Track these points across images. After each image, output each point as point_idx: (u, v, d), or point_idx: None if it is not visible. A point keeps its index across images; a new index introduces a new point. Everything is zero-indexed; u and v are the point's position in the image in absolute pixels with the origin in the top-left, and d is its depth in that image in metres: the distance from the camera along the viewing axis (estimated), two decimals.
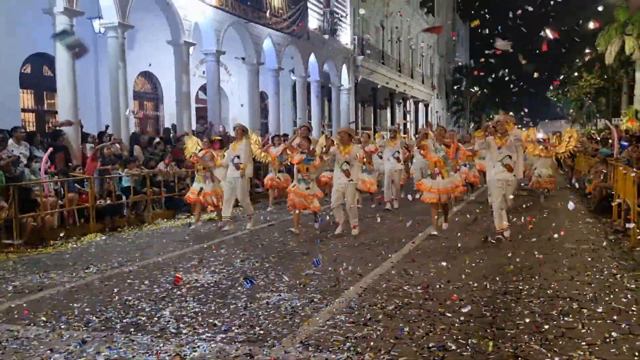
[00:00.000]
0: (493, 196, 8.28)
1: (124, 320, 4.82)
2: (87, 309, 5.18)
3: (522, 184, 13.68)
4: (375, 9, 31.27)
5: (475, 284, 5.75)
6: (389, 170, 11.89)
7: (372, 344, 4.13)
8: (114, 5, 12.55)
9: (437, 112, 48.47)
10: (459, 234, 8.74)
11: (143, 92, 17.39)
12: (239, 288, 5.80)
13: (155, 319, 4.84)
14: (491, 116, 54.47)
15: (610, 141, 14.95)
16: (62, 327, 4.69)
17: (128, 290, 5.83)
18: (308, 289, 5.72)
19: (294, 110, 23.68)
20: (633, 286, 5.60)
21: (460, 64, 53.52)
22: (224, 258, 7.39)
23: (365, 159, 11.03)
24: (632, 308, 4.87)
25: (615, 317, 4.62)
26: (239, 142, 9.73)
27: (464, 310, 4.82)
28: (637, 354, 3.89)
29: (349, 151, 8.82)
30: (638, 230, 7.73)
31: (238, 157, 9.62)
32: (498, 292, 5.47)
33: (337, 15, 25.64)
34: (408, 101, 38.66)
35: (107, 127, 12.91)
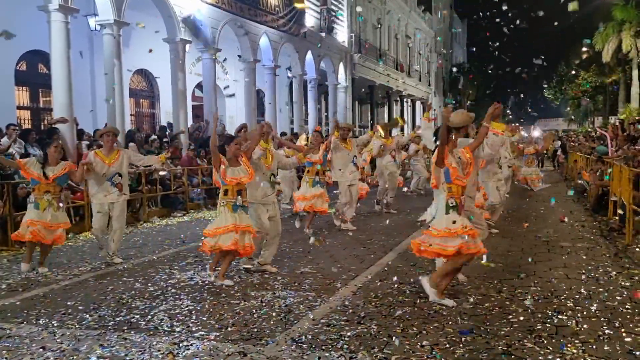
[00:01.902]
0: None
1: (117, 319, 4.80)
2: (80, 307, 5.16)
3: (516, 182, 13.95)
4: (372, 7, 31.23)
5: (469, 282, 5.75)
6: (345, 182, 9.25)
7: (365, 342, 4.12)
8: (110, 3, 12.50)
9: (434, 110, 48.46)
10: None
11: (139, 89, 17.35)
12: (234, 286, 5.79)
13: (149, 317, 4.83)
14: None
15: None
16: (55, 325, 4.67)
17: (122, 288, 5.81)
18: (303, 287, 5.72)
19: (290, 108, 23.65)
20: (627, 284, 5.60)
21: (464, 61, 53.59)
22: None
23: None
24: (626, 306, 4.87)
25: (609, 315, 4.62)
26: (115, 154, 7.09)
27: (458, 307, 4.83)
28: (629, 352, 3.89)
29: (272, 159, 6.54)
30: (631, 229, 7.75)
31: (120, 175, 7.10)
32: (492, 289, 5.47)
33: (333, 13, 25.60)
34: (405, 99, 38.66)
35: (106, 125, 12.85)
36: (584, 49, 34.38)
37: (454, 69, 48.83)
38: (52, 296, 5.59)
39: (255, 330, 4.44)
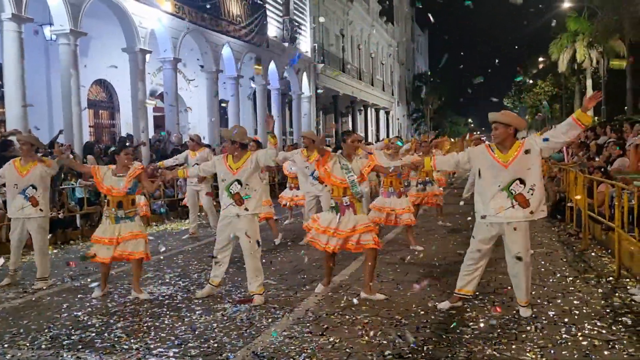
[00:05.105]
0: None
1: (72, 337, 4.63)
2: (33, 327, 4.97)
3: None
4: (335, 17, 31.47)
5: (432, 290, 5.78)
6: (311, 197, 8.48)
7: (327, 354, 4.09)
8: (65, 12, 12.22)
9: (398, 119, 49.04)
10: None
11: (98, 100, 16.99)
12: (195, 300, 5.68)
13: (106, 334, 4.68)
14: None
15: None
16: (5, 346, 4.48)
17: (78, 306, 5.63)
18: (266, 299, 5.64)
19: (254, 119, 23.54)
20: (584, 288, 5.73)
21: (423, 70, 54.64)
22: (180, 269, 7.24)
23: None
24: (583, 310, 4.97)
25: (566, 320, 4.71)
26: (32, 164, 6.48)
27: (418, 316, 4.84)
28: (585, 355, 3.96)
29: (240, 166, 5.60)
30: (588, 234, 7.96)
31: (34, 187, 6.42)
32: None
33: (296, 24, 25.68)
34: (369, 109, 39.02)
35: (61, 131, 12.50)
36: (541, 59, 35.45)
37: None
38: (3, 315, 5.36)
39: (216, 345, 4.35)
